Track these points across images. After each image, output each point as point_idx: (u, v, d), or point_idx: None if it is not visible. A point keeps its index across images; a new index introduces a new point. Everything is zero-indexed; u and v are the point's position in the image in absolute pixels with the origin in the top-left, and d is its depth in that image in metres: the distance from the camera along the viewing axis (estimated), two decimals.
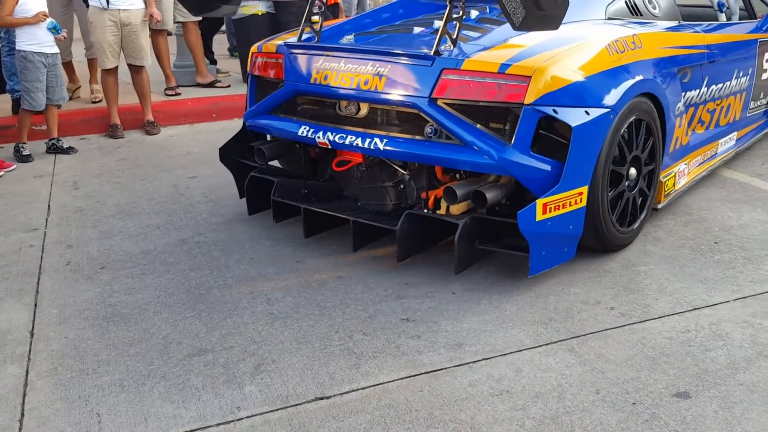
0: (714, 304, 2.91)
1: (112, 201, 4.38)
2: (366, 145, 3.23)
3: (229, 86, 7.04)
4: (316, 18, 6.71)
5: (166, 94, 6.78)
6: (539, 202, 2.91)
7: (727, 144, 4.55)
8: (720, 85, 4.24)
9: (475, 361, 2.56)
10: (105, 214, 4.17)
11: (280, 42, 3.71)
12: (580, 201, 3.06)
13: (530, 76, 2.92)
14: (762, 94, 5.01)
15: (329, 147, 3.40)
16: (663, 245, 3.49)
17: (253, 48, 3.90)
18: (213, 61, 7.66)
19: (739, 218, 3.79)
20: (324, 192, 3.79)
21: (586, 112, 3.04)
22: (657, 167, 3.59)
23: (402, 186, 3.46)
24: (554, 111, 2.96)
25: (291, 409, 2.32)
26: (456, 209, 3.30)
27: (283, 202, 3.65)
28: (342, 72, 3.32)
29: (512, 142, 2.97)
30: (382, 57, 3.26)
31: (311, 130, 3.41)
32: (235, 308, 2.99)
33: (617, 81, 3.22)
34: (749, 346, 2.61)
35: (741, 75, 4.53)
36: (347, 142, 3.28)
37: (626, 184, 3.36)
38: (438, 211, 3.34)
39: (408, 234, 3.22)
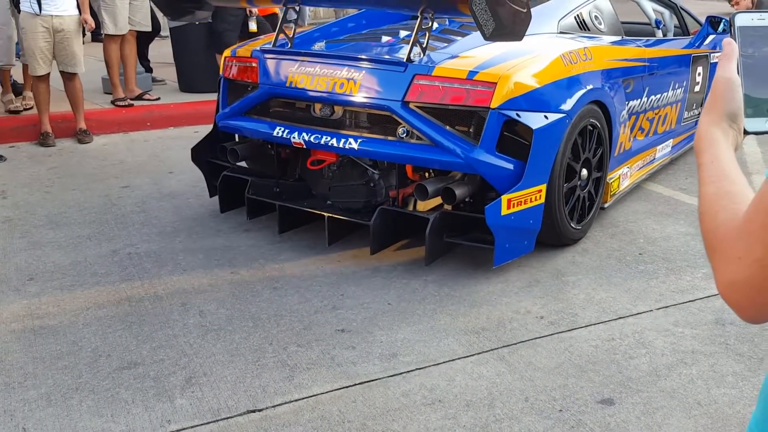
0: (638, 313, 3.02)
1: (41, 211, 4.27)
2: (341, 145, 3.40)
3: (158, 99, 6.88)
4: (253, 28, 6.68)
5: (116, 105, 6.60)
6: (504, 198, 3.14)
7: (664, 150, 4.86)
8: (658, 96, 4.54)
9: (408, 371, 2.60)
10: (34, 224, 4.06)
11: (255, 47, 3.87)
12: (540, 198, 3.31)
13: (496, 83, 3.16)
14: (695, 105, 5.31)
15: (304, 147, 3.55)
16: (591, 256, 3.60)
17: (226, 53, 4.06)
18: (149, 69, 7.55)
19: (662, 230, 3.94)
20: (294, 191, 3.95)
21: (545, 116, 3.30)
22: (605, 169, 3.85)
23: (372, 184, 3.63)
24: (517, 115, 3.21)
25: (222, 422, 2.31)
26: (422, 206, 3.58)
27: (257, 199, 3.79)
28: (317, 76, 3.48)
29: (479, 142, 3.19)
30: (356, 62, 3.45)
31: (286, 130, 3.55)
32: (166, 321, 2.96)
33: (571, 89, 3.49)
34: (670, 353, 2.72)
35: (677, 87, 4.83)
36: (322, 142, 3.44)
37: (578, 183, 3.62)
38: (406, 208, 3.59)
39: (381, 228, 3.42)
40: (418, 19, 3.29)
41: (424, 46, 3.34)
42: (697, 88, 5.26)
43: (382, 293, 3.19)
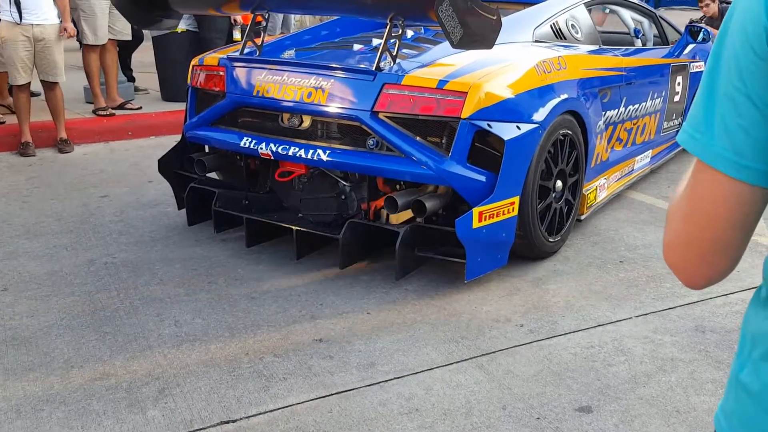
0: (617, 321, 3.01)
1: (18, 221, 4.21)
2: (309, 156, 3.32)
3: (140, 108, 6.83)
4: (237, 37, 6.67)
5: (98, 115, 6.54)
6: (475, 211, 3.07)
7: (642, 161, 4.82)
8: (636, 106, 4.49)
9: (386, 381, 2.56)
10: (10, 234, 4.00)
11: (222, 55, 3.77)
12: (512, 210, 3.24)
13: (466, 92, 3.09)
14: (674, 114, 5.30)
15: (272, 158, 3.47)
16: (572, 264, 3.59)
17: (194, 61, 3.96)
18: (131, 79, 7.50)
19: (643, 238, 3.94)
20: (264, 203, 3.85)
21: (518, 127, 3.22)
22: (580, 180, 3.79)
23: (343, 197, 3.54)
24: (488, 125, 3.14)
25: None
26: (395, 219, 3.46)
27: (224, 212, 3.70)
28: (285, 85, 3.40)
29: (450, 154, 3.12)
30: (324, 71, 3.37)
31: (254, 141, 3.48)
32: (141, 331, 2.91)
33: (545, 99, 3.42)
34: (649, 361, 2.70)
35: (655, 97, 4.80)
36: (290, 153, 3.36)
37: (553, 195, 3.55)
38: (378, 221, 3.50)
39: (350, 242, 3.34)
40: (388, 26, 3.21)
41: (394, 54, 3.26)
42: (676, 98, 5.25)
43: (361, 303, 3.16)
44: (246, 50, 3.77)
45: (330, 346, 2.80)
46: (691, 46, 5.57)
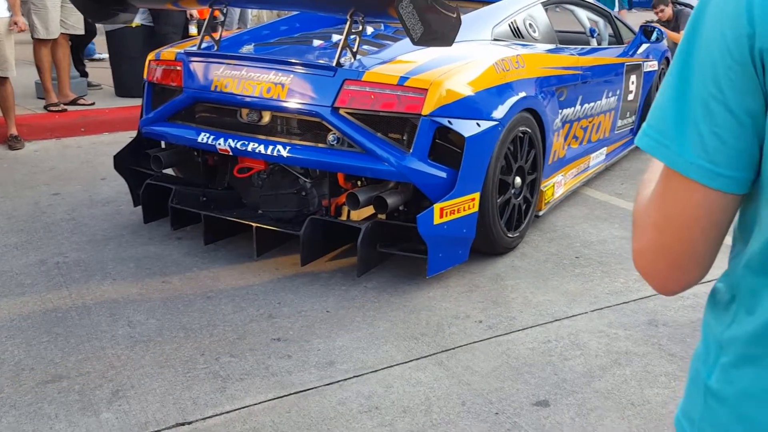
0: (573, 315, 3.04)
1: None
2: (269, 152, 3.29)
3: (93, 104, 6.67)
4: (194, 32, 6.61)
5: (49, 110, 6.37)
6: (437, 207, 3.08)
7: (598, 158, 4.91)
8: (592, 104, 4.57)
9: (345, 379, 2.55)
10: None
11: (179, 50, 3.72)
12: (473, 206, 3.25)
13: (427, 89, 3.09)
14: (628, 113, 5.41)
15: (230, 154, 3.42)
16: (529, 260, 3.62)
17: (150, 56, 3.90)
18: (84, 74, 7.34)
19: (598, 234, 4.00)
20: (223, 200, 3.81)
21: (478, 124, 3.24)
22: (538, 177, 3.83)
23: (303, 193, 3.52)
24: (449, 122, 3.15)
25: None
26: (356, 215, 3.44)
27: (181, 209, 3.65)
28: (244, 80, 3.37)
29: (411, 150, 3.12)
30: (284, 66, 3.34)
31: (212, 137, 3.44)
32: (94, 332, 2.85)
33: (504, 97, 3.44)
34: (604, 354, 2.74)
35: (610, 95, 4.89)
36: (249, 149, 3.32)
37: (512, 192, 3.59)
38: (339, 218, 3.49)
39: (311, 239, 3.31)
40: (348, 22, 3.21)
41: (354, 50, 3.25)
42: (630, 97, 5.36)
43: (320, 301, 3.14)
44: (203, 45, 3.72)
45: (288, 345, 2.77)
46: (644, 46, 5.68)
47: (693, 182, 0.74)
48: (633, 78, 5.34)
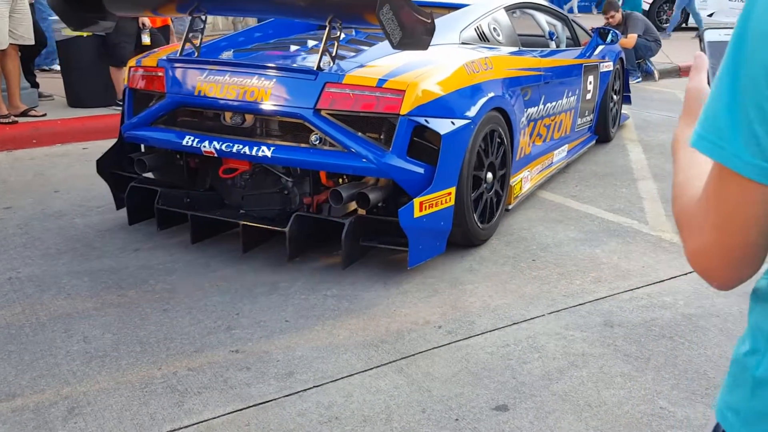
0: (531, 318, 3.08)
1: None
2: (254, 153, 3.40)
3: (45, 115, 6.54)
4: (146, 41, 6.57)
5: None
6: (416, 201, 3.24)
7: (560, 155, 5.15)
8: (554, 104, 4.79)
9: (305, 390, 2.54)
10: None
11: (161, 57, 3.83)
12: (449, 200, 3.43)
13: (404, 90, 3.26)
14: (587, 111, 5.66)
15: (215, 155, 3.53)
16: (487, 264, 3.66)
17: (131, 62, 3.99)
18: (35, 84, 7.19)
19: (554, 237, 4.05)
20: (206, 201, 3.92)
21: (452, 122, 3.43)
22: (508, 172, 4.05)
23: (286, 192, 3.68)
24: (426, 121, 3.32)
25: None
26: (337, 211, 3.66)
27: (167, 210, 3.75)
28: (227, 84, 3.48)
29: (390, 148, 3.28)
30: (266, 71, 3.47)
31: (196, 140, 3.54)
32: (48, 348, 2.79)
33: (475, 97, 3.64)
34: (562, 356, 2.78)
35: (570, 95, 5.12)
36: (234, 150, 3.44)
37: (484, 186, 3.77)
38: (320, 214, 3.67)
39: (297, 235, 3.44)
40: (327, 28, 3.36)
41: (333, 54, 3.41)
42: (588, 96, 5.58)
43: (279, 310, 3.13)
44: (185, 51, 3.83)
45: (247, 357, 2.75)
46: (600, 47, 5.89)
47: (751, 182, 0.76)
48: (591, 78, 5.58)
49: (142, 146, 4.05)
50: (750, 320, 0.88)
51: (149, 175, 4.11)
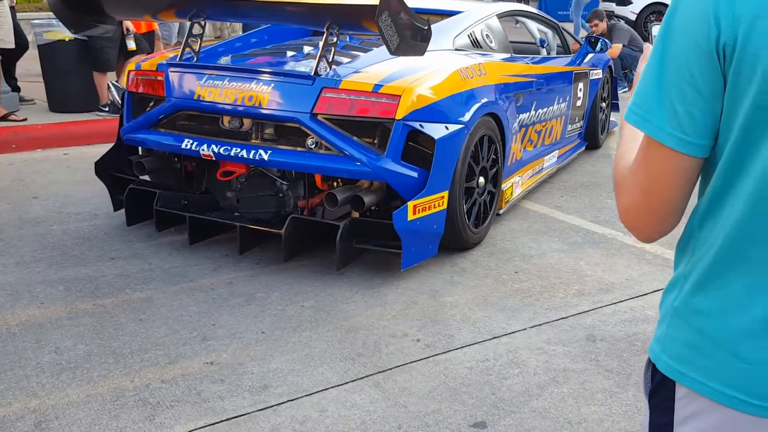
0: (512, 332, 3.04)
1: None
2: (252, 157, 3.46)
3: (25, 119, 6.45)
4: (132, 46, 6.56)
5: None
6: (410, 204, 3.30)
7: (550, 160, 5.21)
8: (545, 110, 4.85)
9: (279, 404, 2.49)
10: None
11: (161, 61, 3.89)
12: (442, 204, 3.49)
13: (400, 95, 3.32)
14: (577, 118, 5.72)
15: (213, 159, 3.59)
16: (468, 276, 3.62)
17: (130, 66, 4.07)
18: (16, 88, 7.11)
19: (538, 248, 4.02)
20: (201, 203, 3.98)
21: (446, 127, 3.48)
22: (499, 177, 4.11)
23: (281, 195, 3.72)
24: (420, 126, 3.38)
25: None
26: (331, 214, 3.76)
27: (165, 211, 3.81)
28: (226, 89, 3.54)
29: (385, 152, 3.33)
30: (265, 76, 3.54)
31: (195, 143, 3.60)
32: (18, 360, 2.72)
33: (469, 102, 3.70)
34: (543, 372, 2.74)
35: (561, 101, 5.17)
36: (232, 153, 3.50)
37: (477, 190, 3.84)
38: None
39: (292, 237, 3.52)
40: (324, 34, 3.42)
41: (330, 60, 3.47)
42: (578, 103, 5.66)
43: (256, 321, 3.07)
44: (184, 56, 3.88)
45: (221, 369, 2.69)
46: (590, 55, 5.96)
47: (670, 150, 0.93)
48: (581, 86, 5.65)
49: (140, 149, 4.11)
50: (676, 271, 1.05)
51: (145, 177, 4.11)
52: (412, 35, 3.16)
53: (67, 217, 4.29)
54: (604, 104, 6.48)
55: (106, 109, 6.67)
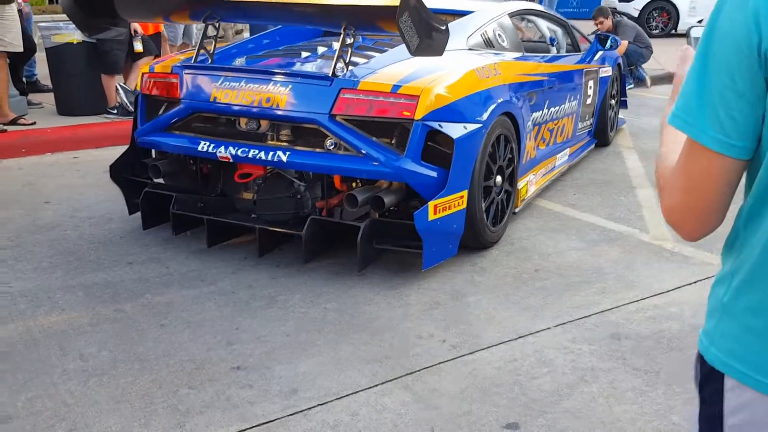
0: (537, 331, 3.03)
1: None
2: (270, 158, 3.46)
3: (34, 123, 6.44)
4: (138, 48, 6.54)
5: None
6: (431, 204, 3.30)
7: (562, 158, 5.23)
8: (557, 108, 4.87)
9: (309, 408, 2.47)
10: None
11: (175, 63, 3.88)
12: (462, 203, 3.49)
13: (419, 96, 3.31)
14: (587, 116, 5.74)
15: (231, 161, 3.57)
16: (489, 275, 3.60)
17: (144, 68, 4.07)
18: (24, 92, 7.09)
19: (555, 246, 4.01)
20: (218, 205, 3.97)
21: (464, 127, 3.48)
22: (515, 175, 4.12)
23: (298, 196, 3.71)
24: (439, 125, 3.38)
25: None
26: (349, 215, 3.72)
27: (182, 214, 3.79)
28: (243, 91, 3.53)
29: (405, 152, 3.33)
30: (281, 77, 3.52)
31: (212, 145, 3.58)
32: (43, 367, 2.71)
33: (486, 101, 3.70)
34: (571, 371, 2.72)
35: (572, 99, 5.20)
36: (250, 155, 3.49)
37: (494, 189, 3.84)
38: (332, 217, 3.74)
39: (312, 238, 3.52)
40: (342, 35, 3.42)
41: (347, 61, 3.47)
42: (588, 101, 5.67)
43: (279, 325, 3.06)
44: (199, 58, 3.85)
45: (249, 374, 2.68)
46: (600, 53, 5.96)
47: (713, 152, 0.95)
48: (591, 83, 5.68)
49: (153, 152, 4.07)
50: (724, 267, 1.06)
51: (159, 180, 4.10)
52: (431, 35, 3.17)
53: (81, 222, 4.27)
54: (613, 101, 6.48)
55: (115, 111, 6.65)
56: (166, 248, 3.86)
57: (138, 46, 6.55)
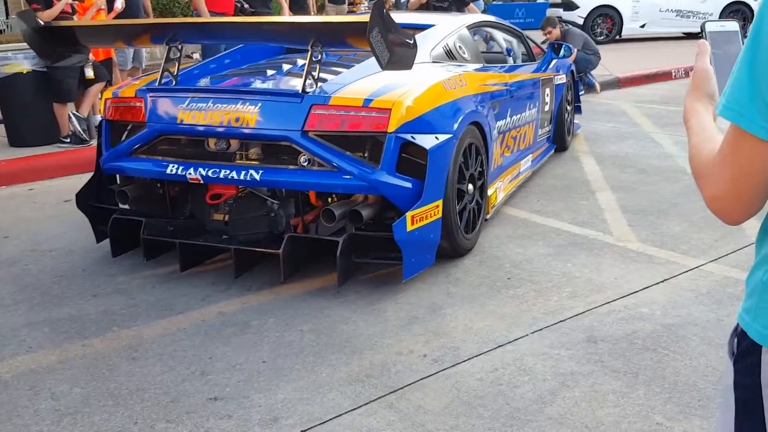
0: (515, 339, 3.03)
1: None
2: (241, 177, 3.44)
3: None
4: (90, 74, 6.43)
5: None
6: (408, 215, 3.33)
7: (526, 164, 5.33)
8: (518, 116, 4.97)
9: None
10: None
11: (139, 87, 3.84)
12: (438, 212, 3.53)
13: (390, 109, 3.35)
14: (546, 122, 5.87)
15: (201, 182, 3.54)
16: (463, 285, 3.60)
17: (107, 94, 4.02)
18: None
19: (525, 253, 4.03)
20: (188, 228, 3.92)
21: (436, 137, 3.53)
22: (485, 183, 4.18)
23: (272, 214, 3.68)
24: (412, 137, 3.42)
25: None
26: (325, 230, 3.72)
27: (153, 239, 3.74)
28: (211, 111, 3.50)
29: (380, 165, 3.36)
30: (250, 96, 3.51)
31: (180, 167, 3.54)
32: (14, 408, 2.61)
33: (455, 112, 3.78)
34: (552, 377, 2.73)
35: (531, 107, 5.31)
36: (222, 176, 3.47)
37: (467, 197, 3.89)
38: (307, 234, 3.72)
39: (290, 255, 3.50)
40: (309, 52, 3.44)
41: (316, 77, 3.49)
42: (546, 108, 5.83)
43: (254, 351, 3.00)
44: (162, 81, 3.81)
45: (227, 404, 2.62)
46: (554, 61, 6.10)
47: (762, 141, 0.99)
48: (547, 91, 5.81)
49: (118, 177, 4.03)
50: (762, 251, 1.11)
51: (126, 206, 4.01)
52: (400, 50, 3.22)
53: (42, 255, 4.15)
54: (569, 107, 6.62)
55: (68, 140, 6.50)
56: (133, 278, 3.77)
57: (89, 73, 6.42)
